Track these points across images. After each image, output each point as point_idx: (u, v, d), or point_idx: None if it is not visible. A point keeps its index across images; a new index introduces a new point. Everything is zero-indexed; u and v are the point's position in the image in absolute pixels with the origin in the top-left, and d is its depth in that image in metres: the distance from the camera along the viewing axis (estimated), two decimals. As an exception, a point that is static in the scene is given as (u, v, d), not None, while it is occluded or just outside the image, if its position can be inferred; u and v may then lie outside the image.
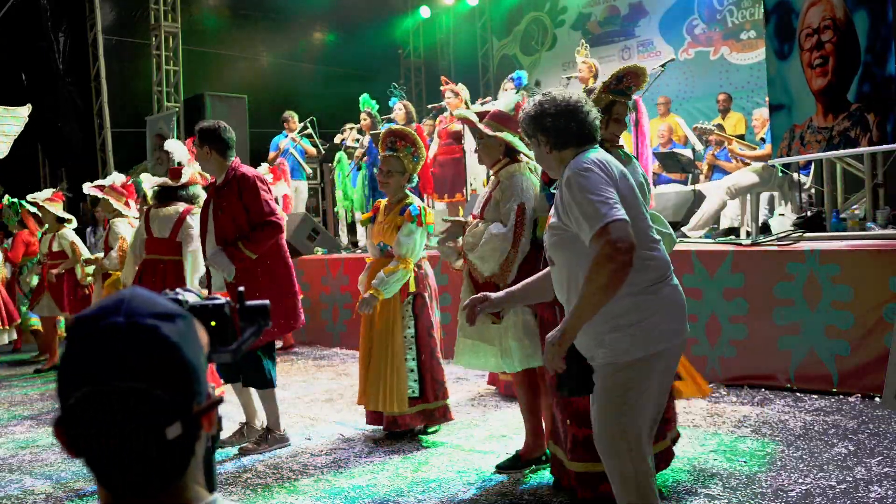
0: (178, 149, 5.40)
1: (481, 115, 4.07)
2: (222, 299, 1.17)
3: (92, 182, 6.82)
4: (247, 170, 4.38)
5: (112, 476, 0.98)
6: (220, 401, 1.05)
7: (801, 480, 3.44)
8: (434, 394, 4.44)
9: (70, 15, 11.21)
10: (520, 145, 3.71)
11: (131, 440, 0.96)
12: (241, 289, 1.24)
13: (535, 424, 3.84)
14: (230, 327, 1.17)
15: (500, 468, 3.80)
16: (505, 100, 4.20)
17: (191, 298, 1.16)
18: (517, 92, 6.48)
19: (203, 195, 5.02)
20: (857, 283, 4.75)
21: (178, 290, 1.16)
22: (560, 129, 2.45)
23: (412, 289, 4.39)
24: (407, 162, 4.41)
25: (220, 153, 4.34)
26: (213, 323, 1.15)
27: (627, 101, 3.57)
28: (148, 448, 0.97)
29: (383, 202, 4.55)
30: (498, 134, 3.73)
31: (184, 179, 5.14)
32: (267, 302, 1.22)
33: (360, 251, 8.23)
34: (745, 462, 3.72)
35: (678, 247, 4.69)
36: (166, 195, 5.17)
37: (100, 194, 6.53)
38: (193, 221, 4.96)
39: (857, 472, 3.49)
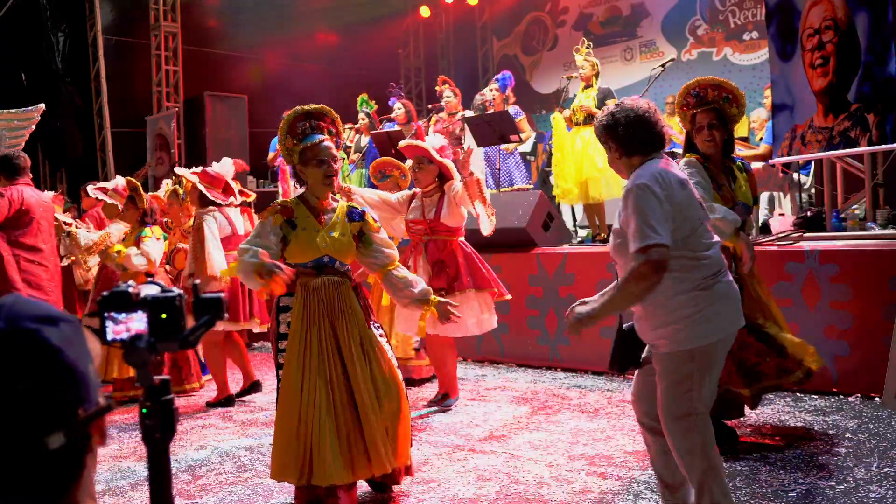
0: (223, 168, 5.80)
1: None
2: (175, 291, 1.18)
3: (94, 183, 6.81)
4: (8, 189, 5.08)
5: None
6: (108, 408, 1.00)
7: (801, 480, 3.43)
8: (407, 447, 3.52)
9: (70, 15, 11.20)
10: (454, 169, 4.86)
11: (8, 450, 0.88)
12: (197, 281, 1.27)
13: None
14: (181, 318, 1.17)
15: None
16: (432, 141, 5.10)
17: (149, 290, 1.17)
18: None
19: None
20: (856, 282, 4.75)
21: (130, 282, 1.18)
22: (629, 137, 2.73)
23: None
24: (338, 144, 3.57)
25: (7, 178, 5.11)
26: (163, 315, 1.16)
27: (707, 108, 3.87)
28: (27, 459, 0.90)
29: (297, 203, 3.42)
30: (444, 161, 4.87)
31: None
32: (221, 294, 1.24)
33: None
34: (745, 462, 3.72)
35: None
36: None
37: (102, 196, 6.51)
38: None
39: (857, 472, 3.49)
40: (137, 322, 1.16)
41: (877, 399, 4.55)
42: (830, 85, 5.62)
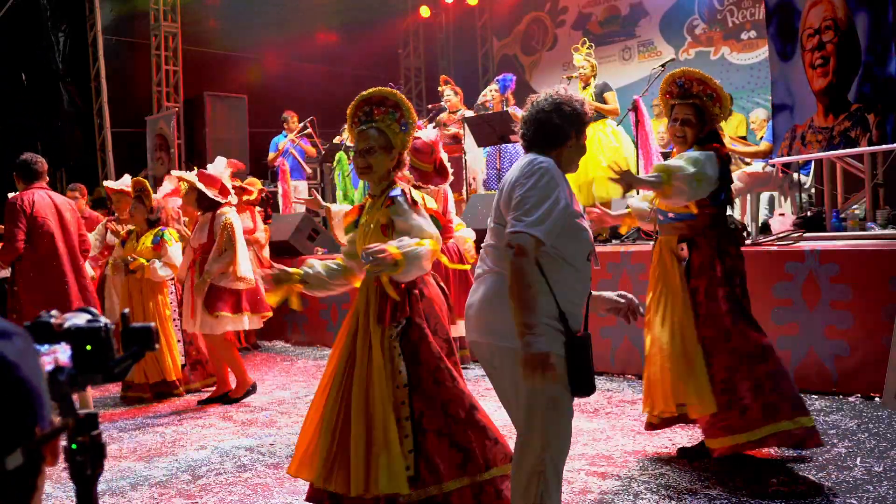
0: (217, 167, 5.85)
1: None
2: (101, 322, 1.10)
3: (100, 182, 6.82)
4: (19, 196, 5.22)
5: None
6: (65, 428, 0.95)
7: (801, 480, 3.43)
8: (452, 470, 3.03)
9: (70, 15, 11.20)
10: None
11: None
12: (126, 311, 1.19)
13: None
14: (107, 350, 1.09)
15: None
16: (426, 133, 5.04)
17: (75, 320, 1.09)
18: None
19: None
20: (856, 283, 4.75)
21: (54, 312, 1.09)
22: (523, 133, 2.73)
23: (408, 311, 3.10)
24: (392, 134, 3.11)
25: (23, 181, 5.31)
26: (88, 347, 1.08)
27: (686, 102, 3.79)
28: None
29: (368, 200, 3.26)
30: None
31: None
32: (151, 324, 1.16)
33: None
34: (745, 462, 3.72)
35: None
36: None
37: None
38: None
39: (857, 472, 3.49)
40: (61, 353, 1.07)
41: (877, 399, 4.55)
42: (830, 85, 5.63)
